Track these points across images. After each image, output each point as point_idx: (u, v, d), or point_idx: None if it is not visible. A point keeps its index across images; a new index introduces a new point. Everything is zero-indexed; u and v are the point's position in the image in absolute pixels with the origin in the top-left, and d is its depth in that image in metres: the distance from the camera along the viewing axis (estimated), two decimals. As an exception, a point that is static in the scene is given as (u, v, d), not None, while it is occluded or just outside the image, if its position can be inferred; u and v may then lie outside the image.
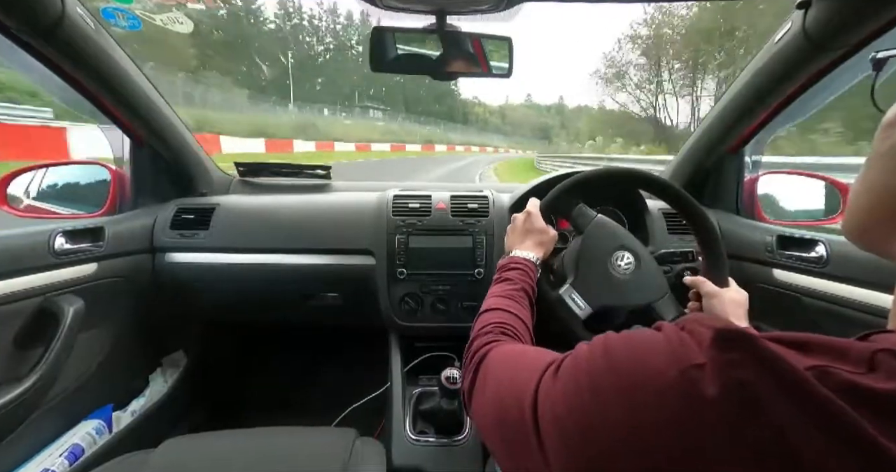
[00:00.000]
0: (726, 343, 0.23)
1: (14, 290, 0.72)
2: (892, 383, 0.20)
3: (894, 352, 0.21)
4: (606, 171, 0.77)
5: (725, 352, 0.22)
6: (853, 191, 0.32)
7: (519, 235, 0.72)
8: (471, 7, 0.72)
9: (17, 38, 0.70)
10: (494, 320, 0.52)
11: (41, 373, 0.74)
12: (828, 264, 0.78)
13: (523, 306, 0.58)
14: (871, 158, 0.30)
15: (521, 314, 0.55)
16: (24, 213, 0.96)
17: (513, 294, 0.59)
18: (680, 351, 0.24)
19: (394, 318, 0.99)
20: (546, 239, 0.71)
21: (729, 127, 0.98)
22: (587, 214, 0.76)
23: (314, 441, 0.71)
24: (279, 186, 1.29)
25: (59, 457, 0.84)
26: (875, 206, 0.29)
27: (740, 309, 0.68)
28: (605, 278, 0.72)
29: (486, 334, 0.50)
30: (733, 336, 0.23)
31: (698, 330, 0.24)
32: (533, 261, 0.67)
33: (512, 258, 0.67)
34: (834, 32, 0.67)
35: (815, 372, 0.21)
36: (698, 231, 0.76)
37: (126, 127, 0.99)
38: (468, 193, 1.06)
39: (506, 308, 0.55)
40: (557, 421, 0.28)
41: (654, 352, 0.25)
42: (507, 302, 0.57)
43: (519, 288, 0.60)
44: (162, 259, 1.03)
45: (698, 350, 0.23)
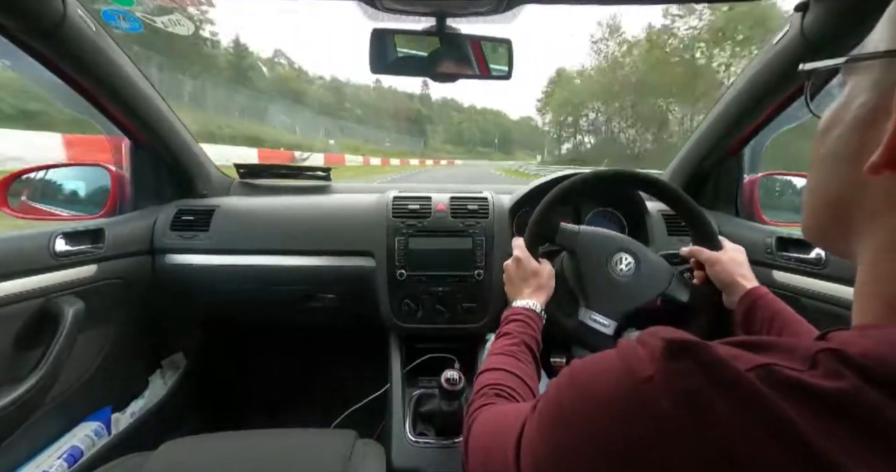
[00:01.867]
0: (674, 354, 0.23)
1: (14, 291, 0.72)
2: (831, 381, 0.20)
3: (836, 351, 0.21)
4: (587, 176, 0.77)
5: (673, 362, 0.23)
6: (804, 193, 0.33)
7: (516, 284, 0.72)
8: (470, 9, 0.73)
9: (18, 40, 0.70)
10: (489, 381, 0.53)
11: (41, 374, 0.73)
12: (826, 266, 0.78)
13: (522, 360, 0.57)
14: (813, 164, 0.31)
15: (519, 370, 0.55)
16: (25, 214, 0.96)
17: (511, 350, 0.58)
18: (631, 366, 0.25)
19: (394, 319, 0.99)
20: (543, 281, 0.71)
21: (728, 128, 0.99)
22: (570, 231, 0.76)
23: (314, 443, 0.71)
24: (279, 188, 1.29)
25: (57, 459, 0.83)
26: (821, 209, 0.31)
27: (744, 268, 0.69)
28: (613, 287, 0.72)
29: (480, 397, 0.51)
30: (681, 346, 0.23)
31: (651, 342, 0.25)
32: (533, 309, 0.66)
33: (512, 310, 0.67)
34: (832, 35, 0.68)
35: (758, 371, 0.21)
36: (697, 232, 0.76)
37: (126, 128, 0.99)
38: (468, 195, 1.06)
39: (502, 367, 0.55)
40: (536, 462, 0.29)
41: (607, 369, 0.26)
42: (504, 360, 0.57)
43: (518, 341, 0.60)
44: (162, 261, 1.03)
45: (649, 363, 0.24)
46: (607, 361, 0.27)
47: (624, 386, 0.24)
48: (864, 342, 0.21)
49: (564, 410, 0.27)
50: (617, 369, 0.25)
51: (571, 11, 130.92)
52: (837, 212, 0.29)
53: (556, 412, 0.28)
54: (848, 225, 0.28)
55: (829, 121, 0.30)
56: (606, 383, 0.25)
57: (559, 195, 0.76)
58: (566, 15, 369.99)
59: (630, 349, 0.26)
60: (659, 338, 0.25)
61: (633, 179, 0.79)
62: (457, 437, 0.83)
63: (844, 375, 0.20)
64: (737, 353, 0.23)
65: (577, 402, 0.27)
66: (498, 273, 0.94)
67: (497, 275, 0.96)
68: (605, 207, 1.09)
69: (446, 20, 0.75)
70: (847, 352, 0.21)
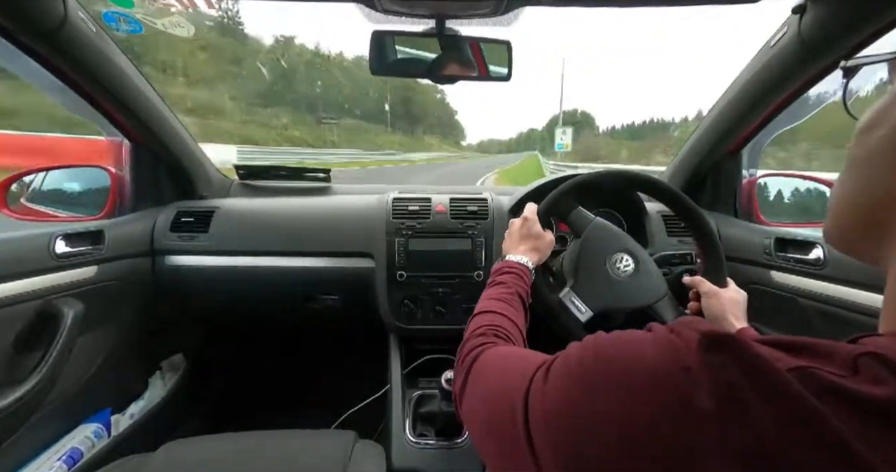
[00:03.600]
0: (712, 347, 0.23)
1: (14, 293, 0.72)
2: (874, 387, 0.20)
3: (878, 355, 0.21)
4: (605, 173, 0.78)
5: (712, 355, 0.23)
6: (833, 196, 0.32)
7: (515, 240, 0.72)
8: (470, 11, 0.73)
9: (19, 42, 0.71)
10: (487, 322, 0.52)
11: (40, 376, 0.73)
12: (825, 266, 0.79)
13: (517, 309, 0.57)
14: (849, 165, 0.30)
15: (515, 317, 0.55)
16: (25, 216, 0.96)
17: (506, 297, 0.58)
18: (670, 351, 0.24)
19: (393, 320, 1.00)
20: (542, 244, 0.71)
21: (726, 130, 0.99)
22: (585, 217, 0.77)
23: (313, 444, 0.71)
24: (279, 189, 1.29)
25: (57, 461, 0.83)
26: (858, 213, 0.29)
27: (738, 309, 0.68)
28: (604, 281, 0.72)
29: (478, 337, 0.49)
30: (719, 340, 0.23)
31: (686, 333, 0.25)
32: (527, 265, 0.66)
33: (506, 262, 0.67)
34: (829, 37, 0.68)
35: (798, 373, 0.21)
36: (696, 233, 0.76)
37: (126, 130, 0.99)
38: (467, 196, 1.07)
39: (499, 311, 0.55)
40: (548, 423, 0.28)
41: (644, 350, 0.25)
42: (500, 305, 0.56)
43: (513, 292, 0.60)
44: (162, 262, 1.03)
45: (686, 352, 0.23)
46: (643, 340, 0.26)
47: (661, 367, 0.24)
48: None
49: (589, 384, 0.26)
50: (653, 354, 0.25)
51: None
52: (876, 217, 0.27)
53: (577, 380, 0.27)
54: (885, 230, 0.27)
55: (871, 120, 0.28)
56: (641, 365, 0.25)
57: (579, 183, 0.76)
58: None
59: (664, 337, 0.26)
60: (694, 329, 0.24)
61: (633, 180, 0.79)
62: (457, 438, 0.83)
63: (887, 380, 0.20)
64: (774, 353, 0.22)
65: (603, 372, 0.26)
66: None
67: None
68: (605, 207, 1.09)
69: (446, 22, 0.75)
70: (890, 357, 0.20)
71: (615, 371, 0.26)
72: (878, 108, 0.28)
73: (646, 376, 0.24)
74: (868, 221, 0.28)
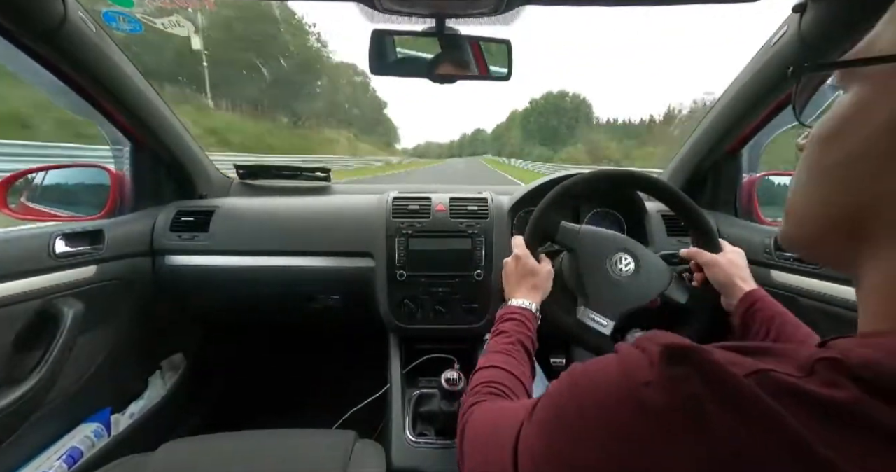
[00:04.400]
0: (673, 359, 0.23)
1: (14, 292, 0.72)
2: (827, 390, 0.20)
3: (834, 360, 0.21)
4: (595, 175, 0.78)
5: (672, 368, 0.23)
6: (798, 204, 0.31)
7: (513, 282, 0.71)
8: (470, 10, 0.73)
9: (19, 41, 0.70)
10: (484, 379, 0.52)
11: (40, 376, 0.73)
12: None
13: (518, 358, 0.57)
14: (814, 173, 0.29)
15: (514, 369, 0.55)
16: (25, 215, 0.96)
17: (507, 348, 0.58)
18: (629, 371, 0.25)
19: (393, 320, 0.99)
20: (540, 280, 0.71)
21: (726, 129, 0.99)
22: (571, 230, 0.76)
23: (313, 443, 0.71)
24: (279, 189, 1.29)
25: (57, 460, 0.83)
26: (833, 221, 0.28)
27: (742, 271, 0.69)
28: (612, 286, 0.72)
29: (473, 396, 0.50)
30: (680, 351, 0.23)
31: (650, 348, 0.25)
32: (528, 308, 0.66)
33: (507, 309, 0.66)
34: (830, 36, 0.68)
35: (756, 377, 0.21)
36: (677, 208, 0.77)
37: (126, 130, 0.99)
38: (467, 196, 1.07)
39: (498, 365, 0.55)
40: (535, 464, 0.29)
41: (606, 374, 0.26)
42: (500, 358, 0.56)
43: (514, 340, 0.59)
44: (161, 262, 1.03)
45: (648, 368, 0.24)
46: (606, 366, 0.27)
47: (622, 391, 0.24)
48: (865, 351, 0.21)
49: (563, 414, 0.28)
50: (616, 373, 0.25)
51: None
52: (855, 225, 0.27)
53: (555, 416, 0.28)
54: (864, 238, 0.26)
55: (834, 128, 0.28)
56: (605, 388, 0.25)
57: (559, 194, 0.76)
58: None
59: (628, 354, 0.26)
60: (657, 343, 0.25)
61: (631, 179, 0.79)
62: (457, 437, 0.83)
63: (842, 384, 0.20)
64: (734, 358, 0.23)
65: (576, 406, 0.27)
66: (497, 273, 0.95)
67: (497, 275, 0.96)
68: (605, 207, 1.09)
69: (446, 21, 0.75)
70: (846, 361, 0.21)
71: (583, 397, 0.26)
72: (838, 115, 0.28)
73: (609, 396, 0.25)
74: (847, 229, 0.27)
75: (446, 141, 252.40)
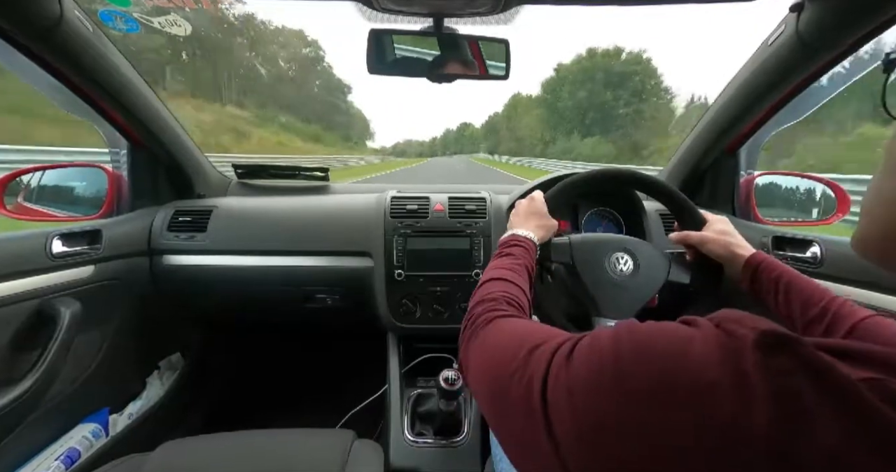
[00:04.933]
0: (772, 347, 0.21)
1: (11, 292, 0.72)
2: None
3: None
4: (599, 172, 0.78)
5: (772, 356, 0.21)
6: (871, 201, 0.29)
7: (522, 216, 0.71)
8: (468, 10, 0.73)
9: (14, 41, 0.70)
10: (500, 289, 0.49)
11: (37, 376, 0.73)
12: (822, 264, 0.79)
13: (525, 280, 0.55)
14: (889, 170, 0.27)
15: (524, 287, 0.53)
16: (22, 215, 0.96)
17: (516, 268, 0.56)
18: (722, 351, 0.22)
19: (392, 319, 0.99)
20: (549, 224, 0.71)
21: (724, 129, 0.99)
22: (561, 244, 0.75)
23: (312, 443, 0.71)
24: (277, 188, 1.29)
25: (55, 461, 0.83)
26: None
27: (734, 237, 0.70)
28: (619, 289, 0.72)
29: (490, 301, 0.46)
30: (778, 340, 0.21)
31: (738, 331, 0.23)
32: (534, 240, 0.65)
33: (513, 236, 0.65)
34: (827, 35, 0.68)
35: (869, 385, 0.19)
36: (654, 194, 0.78)
37: (123, 129, 0.99)
38: (466, 195, 1.07)
39: (511, 280, 0.52)
40: (575, 413, 0.26)
41: (693, 348, 0.23)
42: (510, 274, 0.54)
43: (521, 264, 0.58)
44: (159, 262, 1.03)
45: (741, 355, 0.21)
46: (690, 337, 0.24)
47: (714, 369, 0.22)
48: None
49: (623, 373, 0.24)
50: (705, 348, 0.23)
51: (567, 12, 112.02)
52: None
53: (611, 373, 0.25)
54: None
55: None
56: (689, 358, 0.23)
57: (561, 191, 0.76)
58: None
59: (713, 332, 0.23)
60: (745, 326, 0.23)
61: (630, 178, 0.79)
62: (455, 437, 0.83)
63: None
64: (830, 358, 0.21)
65: (645, 369, 0.24)
66: None
67: None
68: (603, 206, 1.09)
69: (444, 21, 0.75)
70: None
71: (659, 369, 0.23)
72: None
73: (697, 378, 0.22)
74: None
75: (428, 138, 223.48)
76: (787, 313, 0.58)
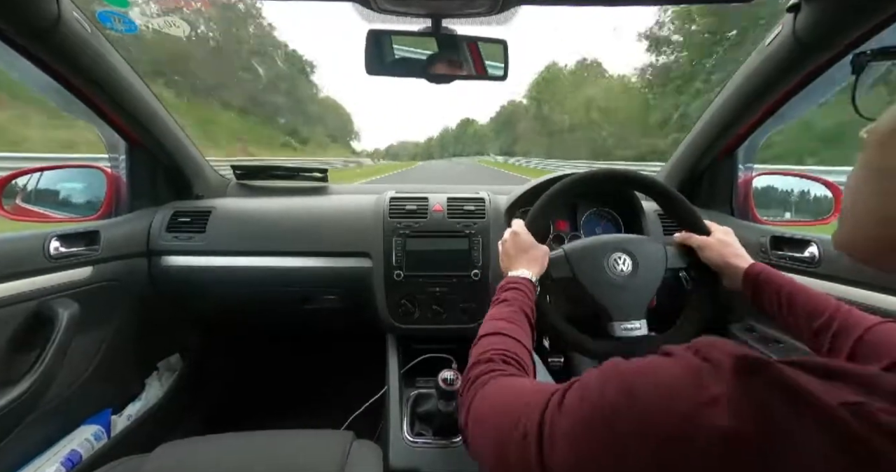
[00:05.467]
0: (748, 372, 0.22)
1: (8, 293, 0.72)
2: None
3: None
4: (593, 174, 0.78)
5: (749, 380, 0.21)
6: (854, 208, 0.29)
7: (511, 256, 0.71)
8: (466, 10, 0.73)
9: (12, 41, 0.70)
10: (496, 346, 0.50)
11: (35, 377, 0.73)
12: (820, 264, 0.79)
13: (522, 327, 0.56)
14: (871, 175, 0.27)
15: (522, 338, 0.54)
16: (20, 216, 0.96)
17: (511, 316, 0.57)
18: (702, 378, 0.23)
19: (391, 320, 0.99)
20: (538, 254, 0.70)
21: (722, 129, 0.99)
22: (558, 259, 0.74)
23: (310, 444, 0.71)
24: (276, 189, 1.29)
25: (55, 463, 0.83)
26: (885, 226, 0.27)
27: (735, 249, 0.70)
28: (624, 289, 0.72)
29: (486, 362, 0.47)
30: (754, 364, 0.22)
31: (716, 357, 0.23)
32: (529, 278, 0.66)
33: (508, 280, 0.66)
34: (824, 35, 0.68)
35: (852, 409, 0.20)
36: (661, 201, 0.78)
37: (122, 130, 0.99)
38: (465, 196, 1.07)
39: (505, 332, 0.53)
40: (570, 458, 0.27)
41: (675, 381, 0.24)
42: (506, 326, 0.55)
43: (517, 309, 0.59)
44: (158, 262, 1.03)
45: (719, 379, 0.22)
46: (667, 372, 0.25)
47: (692, 401, 0.22)
48: None
49: (611, 416, 0.26)
50: (683, 382, 0.24)
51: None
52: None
53: (600, 418, 0.26)
54: None
55: (892, 126, 0.26)
56: (670, 396, 0.24)
57: (557, 194, 0.76)
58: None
59: (691, 362, 0.24)
60: (724, 352, 0.23)
61: (624, 178, 0.80)
62: (454, 437, 0.83)
63: None
64: (807, 379, 0.21)
65: (631, 411, 0.25)
66: (495, 273, 0.95)
67: (494, 275, 0.96)
68: (602, 206, 1.09)
69: (442, 21, 0.75)
70: None
71: (641, 412, 0.24)
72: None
73: (678, 414, 0.23)
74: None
75: (422, 139, 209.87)
76: (794, 325, 0.58)
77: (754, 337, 0.92)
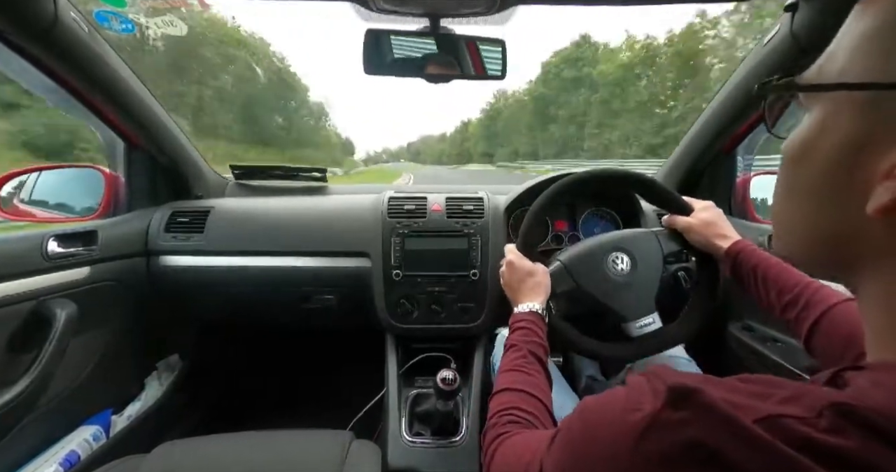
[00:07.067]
0: (676, 401, 0.23)
1: (6, 294, 0.72)
2: (835, 437, 0.19)
3: (844, 406, 0.20)
4: (587, 175, 0.78)
5: (677, 410, 0.23)
6: (784, 222, 0.30)
7: (514, 288, 0.71)
8: (464, 10, 0.73)
9: (9, 42, 0.70)
10: (502, 406, 0.52)
11: (32, 378, 0.73)
12: None
13: (531, 372, 0.57)
14: (788, 192, 0.29)
15: (530, 387, 0.54)
16: (17, 216, 0.96)
17: (518, 364, 0.58)
18: (633, 408, 0.25)
19: (390, 319, 0.99)
20: (539, 278, 0.70)
21: (721, 129, 0.99)
22: (559, 271, 0.74)
23: (309, 444, 0.71)
24: (275, 189, 1.29)
25: (54, 464, 0.83)
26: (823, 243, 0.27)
27: (718, 228, 0.71)
28: (629, 288, 0.72)
29: (493, 427, 0.50)
30: (682, 393, 0.23)
31: (657, 387, 0.25)
32: (535, 310, 0.66)
33: (514, 317, 0.66)
34: (821, 35, 0.68)
35: (765, 424, 0.21)
36: (643, 190, 0.79)
37: (120, 130, 0.99)
38: (463, 195, 1.07)
39: (513, 387, 0.54)
40: None
41: (613, 409, 0.26)
42: (513, 377, 0.56)
43: (524, 353, 0.59)
44: (156, 263, 1.03)
45: (653, 407, 0.24)
46: (615, 400, 0.27)
47: (624, 427, 0.24)
48: (877, 395, 0.21)
49: (574, 447, 0.28)
50: (619, 409, 0.25)
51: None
52: (834, 248, 0.26)
53: (569, 450, 0.29)
54: (848, 260, 0.26)
55: (799, 149, 0.28)
56: (607, 424, 0.26)
57: (554, 195, 0.76)
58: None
59: (636, 391, 0.26)
60: (665, 382, 0.24)
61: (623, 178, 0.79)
62: (453, 436, 0.84)
63: (849, 432, 0.19)
64: (741, 400, 0.22)
65: (583, 439, 0.27)
66: (494, 272, 0.95)
67: (493, 274, 0.96)
68: (600, 206, 1.09)
69: (440, 21, 0.75)
70: (858, 410, 0.20)
71: (588, 430, 0.27)
72: (802, 138, 0.27)
73: (612, 439, 0.25)
74: (830, 250, 0.27)
75: (403, 144, 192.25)
76: (766, 299, 0.61)
77: (752, 336, 0.92)
